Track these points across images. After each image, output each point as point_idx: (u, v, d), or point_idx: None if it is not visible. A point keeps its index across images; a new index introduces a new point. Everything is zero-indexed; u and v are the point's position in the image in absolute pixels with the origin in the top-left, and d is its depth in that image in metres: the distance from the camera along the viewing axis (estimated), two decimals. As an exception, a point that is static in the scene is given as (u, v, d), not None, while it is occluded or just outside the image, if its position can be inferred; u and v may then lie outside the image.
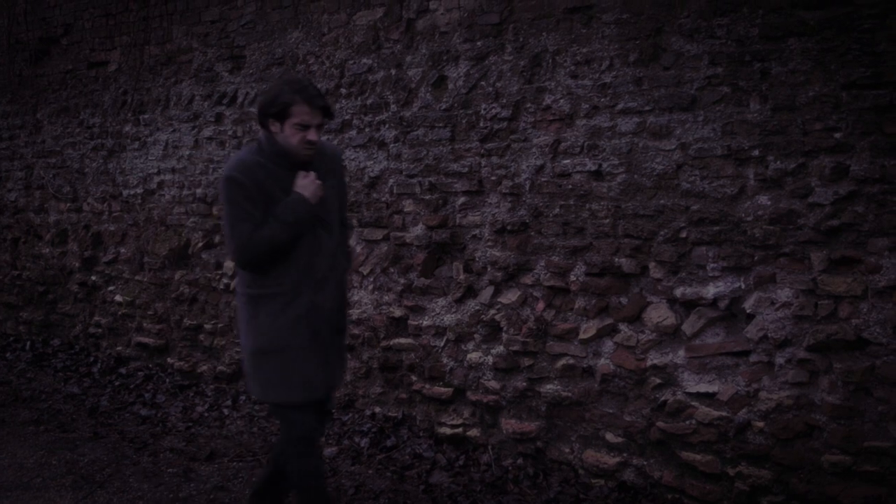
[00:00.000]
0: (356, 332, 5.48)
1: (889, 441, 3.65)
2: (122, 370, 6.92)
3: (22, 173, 8.23)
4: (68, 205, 7.71)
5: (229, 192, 3.27)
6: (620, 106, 4.36)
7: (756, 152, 3.96)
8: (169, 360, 6.79)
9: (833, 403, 3.80)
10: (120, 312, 7.20)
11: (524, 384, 4.73)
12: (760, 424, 3.98)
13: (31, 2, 8.01)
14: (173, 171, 6.70)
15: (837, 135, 3.75)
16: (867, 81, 3.66)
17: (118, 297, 7.21)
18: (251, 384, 3.49)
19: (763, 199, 3.96)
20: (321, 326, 3.42)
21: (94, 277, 7.46)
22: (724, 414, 4.08)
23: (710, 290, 4.11)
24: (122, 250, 7.16)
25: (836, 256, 3.78)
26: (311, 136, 3.29)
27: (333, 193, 3.53)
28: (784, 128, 3.88)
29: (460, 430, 5.01)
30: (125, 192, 7.12)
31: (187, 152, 6.58)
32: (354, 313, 5.49)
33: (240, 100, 6.20)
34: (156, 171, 6.84)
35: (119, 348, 7.22)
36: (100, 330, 7.41)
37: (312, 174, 3.36)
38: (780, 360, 3.95)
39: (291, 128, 3.29)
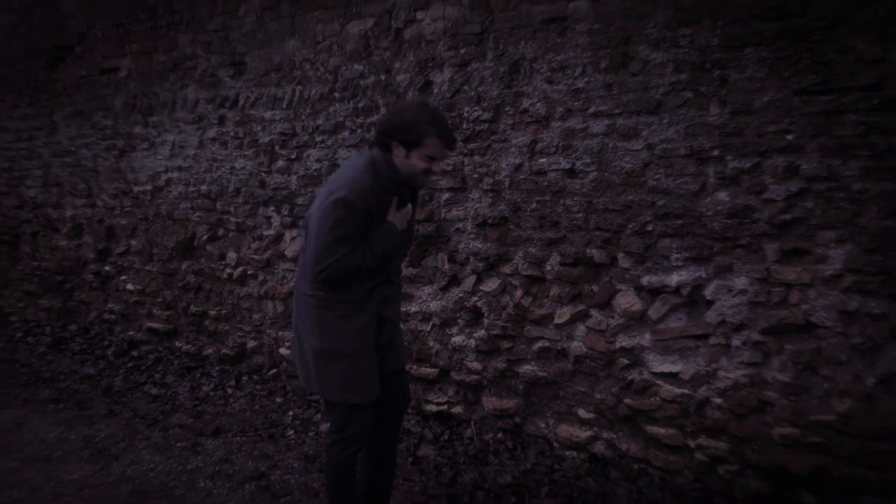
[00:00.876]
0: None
1: (833, 415, 3.69)
2: (135, 353, 6.90)
3: (40, 171, 8.18)
4: (83, 200, 7.68)
5: (342, 212, 3.06)
6: (592, 109, 4.35)
7: (716, 152, 3.97)
8: (177, 343, 6.78)
9: (783, 381, 3.84)
10: (132, 300, 7.18)
11: (504, 365, 4.74)
12: (718, 401, 4.01)
13: (47, 12, 7.94)
14: (180, 169, 6.67)
15: (789, 137, 3.76)
16: (816, 88, 3.67)
17: (130, 286, 7.18)
18: (313, 381, 3.29)
19: (722, 196, 3.97)
20: (383, 336, 3.32)
21: (107, 268, 7.43)
22: (685, 391, 4.11)
23: (674, 279, 4.13)
24: (133, 242, 7.14)
25: (787, 248, 3.80)
26: (436, 168, 3.19)
27: (412, 219, 3.41)
28: (741, 130, 3.89)
29: (445, 407, 5.02)
30: (135, 189, 7.09)
31: (192, 152, 6.56)
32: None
33: (241, 103, 6.16)
34: (163, 169, 6.81)
35: (131, 333, 7.20)
36: (113, 316, 7.39)
37: (409, 207, 3.28)
38: (736, 342, 3.97)
39: (420, 158, 3.15)
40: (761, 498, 3.85)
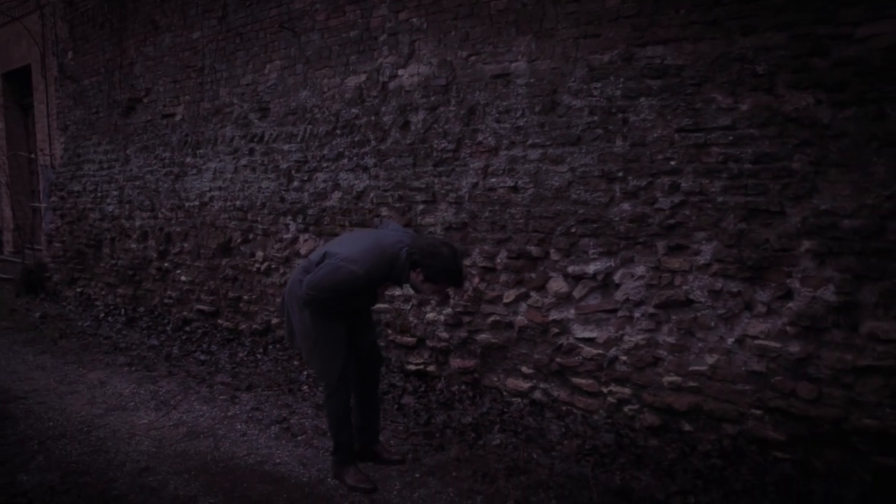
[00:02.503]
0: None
1: (705, 366, 3.77)
2: (187, 328, 6.92)
3: (117, 192, 8.17)
4: (148, 213, 7.68)
5: (351, 280, 3.08)
6: (529, 142, 4.41)
7: (620, 174, 4.03)
8: (219, 321, 6.81)
9: (671, 342, 3.90)
10: (185, 288, 7.20)
11: (465, 334, 4.78)
12: (624, 358, 4.06)
13: (123, 73, 7.96)
14: (220, 189, 6.70)
15: (672, 162, 3.84)
16: (690, 127, 3.75)
17: (183, 278, 7.21)
18: (298, 346, 3.45)
19: (625, 206, 4.02)
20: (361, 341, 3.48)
21: (166, 264, 7.45)
22: (600, 352, 4.16)
23: (591, 268, 4.17)
24: (185, 245, 7.16)
25: (672, 244, 3.86)
26: (435, 297, 3.30)
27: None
28: (638, 157, 3.96)
29: (422, 366, 5.05)
30: (187, 204, 7.11)
31: (229, 176, 6.58)
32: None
33: (266, 138, 6.20)
34: (208, 189, 6.84)
35: (185, 313, 7.22)
36: (171, 301, 7.41)
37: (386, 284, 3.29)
38: (637, 314, 4.02)
39: (430, 289, 3.16)
40: (654, 428, 3.93)
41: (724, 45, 3.66)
